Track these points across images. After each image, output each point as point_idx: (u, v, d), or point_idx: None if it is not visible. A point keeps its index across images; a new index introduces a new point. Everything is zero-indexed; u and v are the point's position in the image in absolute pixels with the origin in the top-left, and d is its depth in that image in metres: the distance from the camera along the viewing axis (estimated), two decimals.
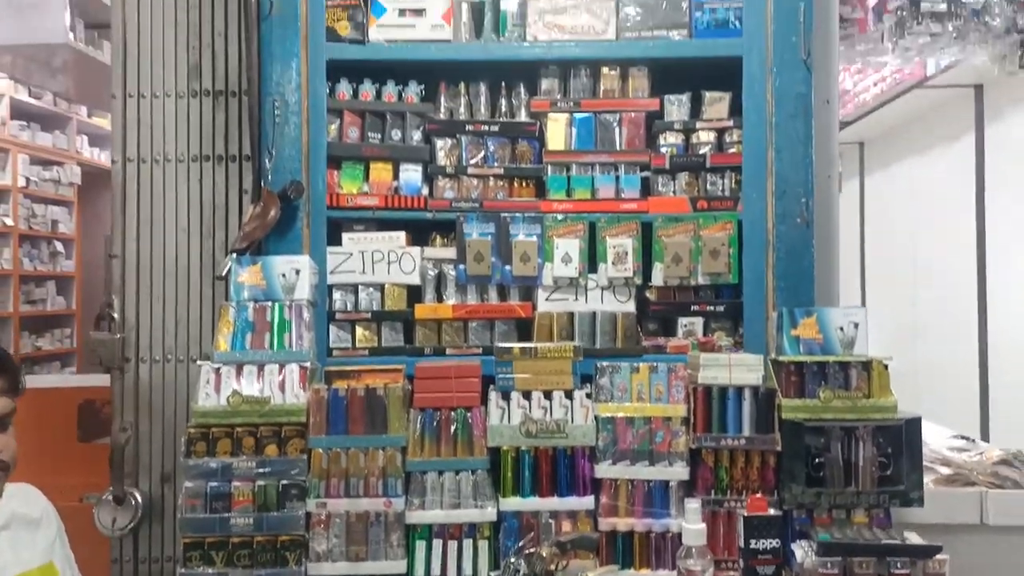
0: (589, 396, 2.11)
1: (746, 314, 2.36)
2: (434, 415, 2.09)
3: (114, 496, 2.52)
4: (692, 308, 2.41)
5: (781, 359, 2.09)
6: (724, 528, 2.03)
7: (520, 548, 1.90)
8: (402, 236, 2.41)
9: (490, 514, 2.05)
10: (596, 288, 2.41)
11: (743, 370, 2.07)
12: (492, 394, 2.12)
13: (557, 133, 2.43)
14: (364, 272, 2.40)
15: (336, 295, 2.42)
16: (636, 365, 2.12)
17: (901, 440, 2.02)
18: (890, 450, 2.02)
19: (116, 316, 2.59)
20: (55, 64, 5.11)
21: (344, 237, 2.40)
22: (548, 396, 2.11)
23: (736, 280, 2.38)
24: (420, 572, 2.04)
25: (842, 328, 2.08)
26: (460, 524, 2.05)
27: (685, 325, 2.41)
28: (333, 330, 2.40)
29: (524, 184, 2.44)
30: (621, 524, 2.05)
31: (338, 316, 2.40)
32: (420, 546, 2.05)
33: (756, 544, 1.85)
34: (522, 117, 2.47)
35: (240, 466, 2.02)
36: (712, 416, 2.06)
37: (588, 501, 2.06)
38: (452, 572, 2.04)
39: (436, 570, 2.04)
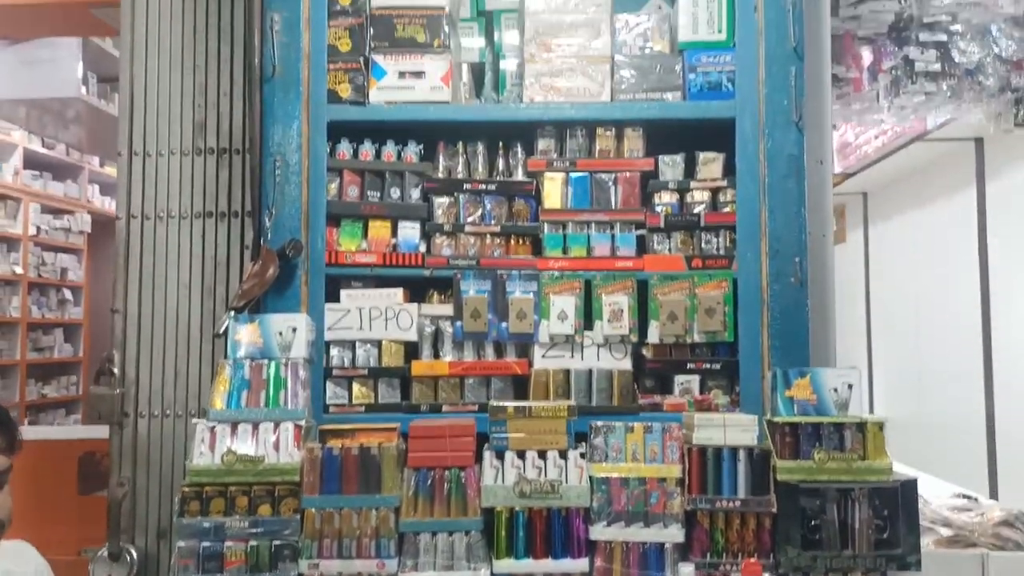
0: (583, 456, 2.11)
1: (742, 373, 2.36)
2: (428, 474, 2.09)
3: (110, 552, 2.51)
4: (688, 366, 2.41)
5: (776, 420, 2.08)
6: None
7: None
8: (400, 293, 2.43)
9: None
10: (592, 345, 2.42)
11: (738, 430, 2.07)
12: (486, 453, 2.12)
13: (554, 192, 2.46)
14: (362, 328, 2.42)
15: (333, 351, 2.43)
16: (631, 425, 2.12)
17: (897, 502, 2.00)
18: (886, 512, 2.01)
19: (116, 371, 2.61)
20: (68, 116, 5.22)
21: (342, 294, 2.43)
22: (542, 456, 2.10)
23: (732, 338, 2.39)
24: None
25: (836, 389, 2.08)
26: None
27: (682, 383, 2.41)
28: (330, 386, 2.41)
29: (521, 242, 2.47)
30: None
31: (335, 372, 2.41)
32: None
33: None
34: (519, 176, 2.50)
35: (233, 526, 2.02)
36: (707, 477, 2.05)
37: (583, 563, 2.04)
38: None
39: None
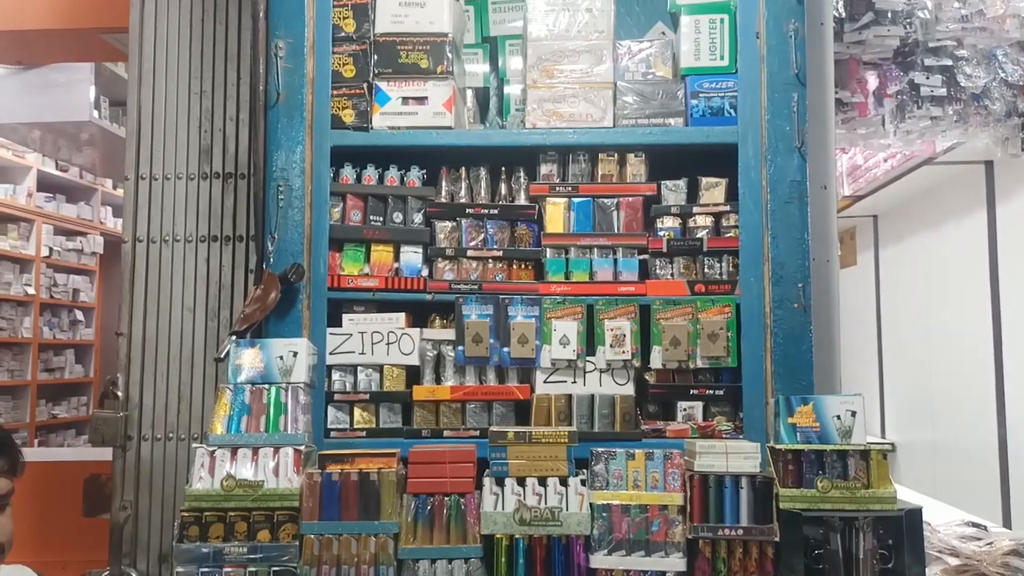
0: (584, 483, 2.09)
1: (745, 399, 2.34)
2: (427, 501, 2.08)
3: (111, 575, 2.51)
4: (691, 392, 2.39)
5: (778, 447, 2.06)
6: None
7: None
8: (402, 317, 2.43)
9: None
10: (594, 371, 2.41)
11: (740, 458, 2.05)
12: (486, 480, 2.11)
13: (556, 216, 2.46)
14: (363, 353, 2.42)
15: (335, 375, 2.43)
16: (632, 452, 2.10)
17: (902, 531, 1.98)
18: (891, 541, 1.98)
19: (120, 393, 2.62)
20: (81, 139, 5.29)
21: (344, 318, 2.43)
22: (543, 482, 2.09)
23: (735, 364, 2.37)
24: None
25: (839, 416, 2.06)
26: None
27: (684, 409, 2.39)
28: (331, 411, 2.41)
29: (523, 266, 2.47)
30: None
31: (336, 397, 2.41)
32: None
33: None
34: (521, 201, 2.51)
35: (232, 551, 2.01)
36: (709, 505, 2.03)
37: None
38: None
39: None
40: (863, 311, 7.42)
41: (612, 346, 2.39)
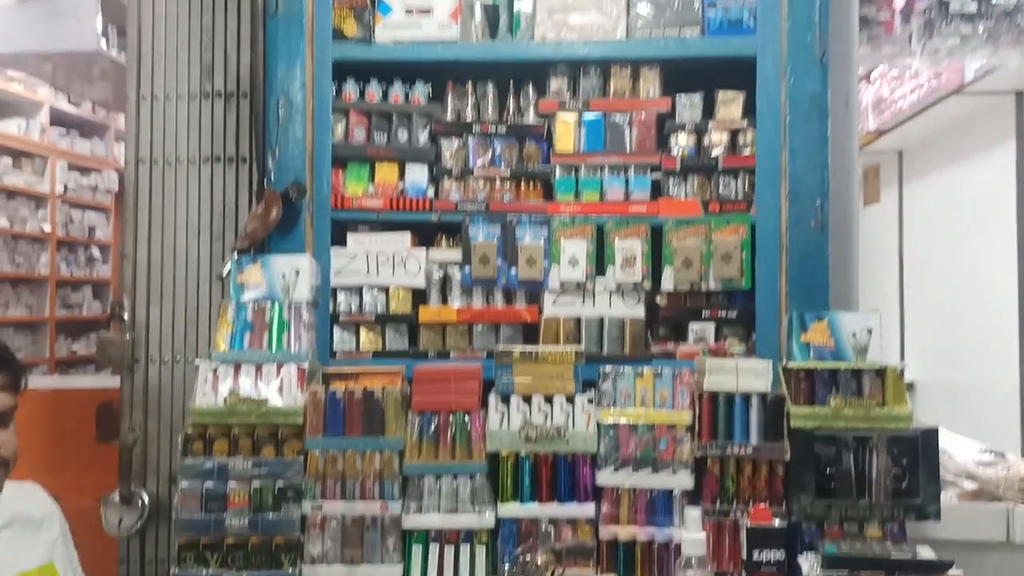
0: (591, 401, 2.06)
1: (758, 320, 2.29)
2: (432, 418, 2.06)
3: (121, 496, 2.52)
4: (703, 314, 2.34)
5: (791, 365, 2.02)
6: (730, 539, 1.95)
7: (516, 556, 1.85)
8: (407, 238, 2.38)
9: (488, 520, 2.00)
10: (604, 292, 2.36)
11: (751, 376, 2.00)
12: (491, 397, 2.08)
13: (566, 134, 2.39)
14: (369, 274, 2.38)
15: (340, 297, 2.40)
16: (640, 370, 2.06)
17: (917, 451, 1.93)
18: (905, 462, 1.94)
19: (126, 317, 2.60)
20: (93, 72, 5.21)
21: (349, 238, 2.39)
22: (549, 401, 2.06)
23: (748, 285, 2.31)
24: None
25: (855, 334, 2.00)
26: (457, 529, 2.01)
27: (696, 331, 2.34)
28: (337, 332, 2.38)
29: (531, 186, 2.40)
30: (622, 533, 1.99)
31: (342, 318, 2.38)
32: (417, 551, 2.01)
33: (759, 556, 1.78)
34: (530, 118, 2.43)
35: (236, 467, 2.00)
36: (718, 423, 2.00)
37: (589, 509, 2.00)
38: None
39: (433, 575, 2.00)
40: (886, 250, 7.29)
41: (622, 267, 2.33)
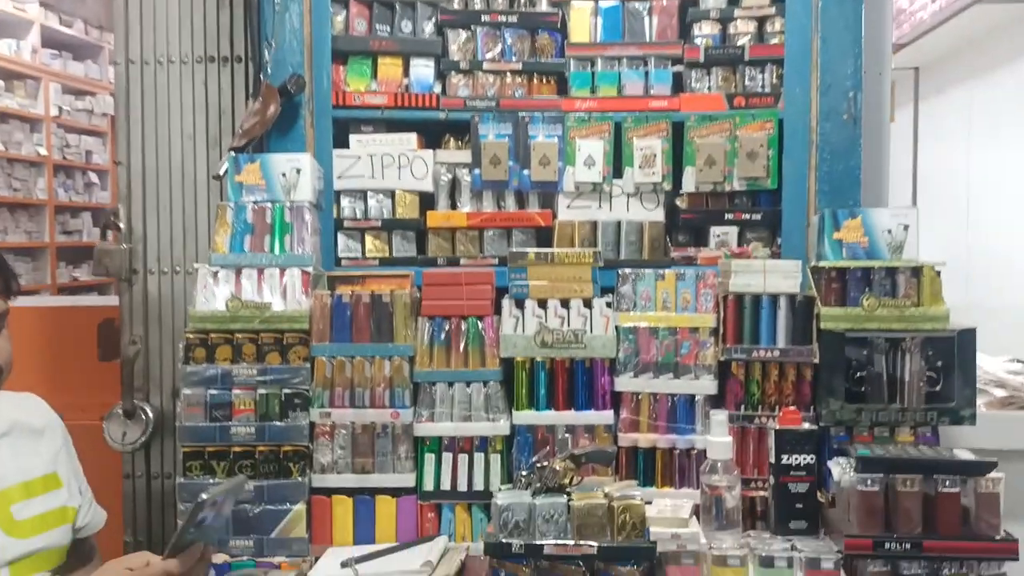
0: (610, 305, 1.96)
1: (785, 222, 2.17)
2: (443, 324, 1.96)
3: (124, 410, 2.46)
4: (726, 216, 2.22)
5: (822, 264, 1.91)
6: (754, 445, 1.88)
7: (533, 463, 1.78)
8: (413, 138, 2.25)
9: (503, 427, 1.93)
10: (621, 195, 2.24)
11: (779, 277, 1.90)
12: (505, 302, 1.98)
13: (581, 24, 2.23)
14: (373, 177, 2.26)
15: (344, 202, 2.28)
16: (662, 272, 1.96)
17: (953, 353, 1.84)
18: (940, 364, 1.85)
19: (123, 226, 2.50)
20: None
21: (351, 139, 2.26)
22: (565, 305, 1.96)
23: (775, 185, 2.19)
24: (429, 485, 1.94)
25: (890, 231, 1.89)
26: (471, 437, 1.94)
27: (718, 235, 2.23)
28: (342, 239, 2.28)
29: (544, 81, 2.26)
30: (642, 440, 1.92)
31: (346, 224, 2.27)
32: (429, 459, 1.94)
33: (788, 460, 1.70)
34: (543, 7, 2.27)
35: (241, 373, 1.92)
36: (744, 326, 1.90)
37: (607, 415, 1.93)
38: (463, 486, 1.93)
39: (446, 484, 1.94)
40: (899, 170, 7.12)
41: (641, 167, 2.20)
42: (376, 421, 1.93)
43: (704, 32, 2.22)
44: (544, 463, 1.73)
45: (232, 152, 2.08)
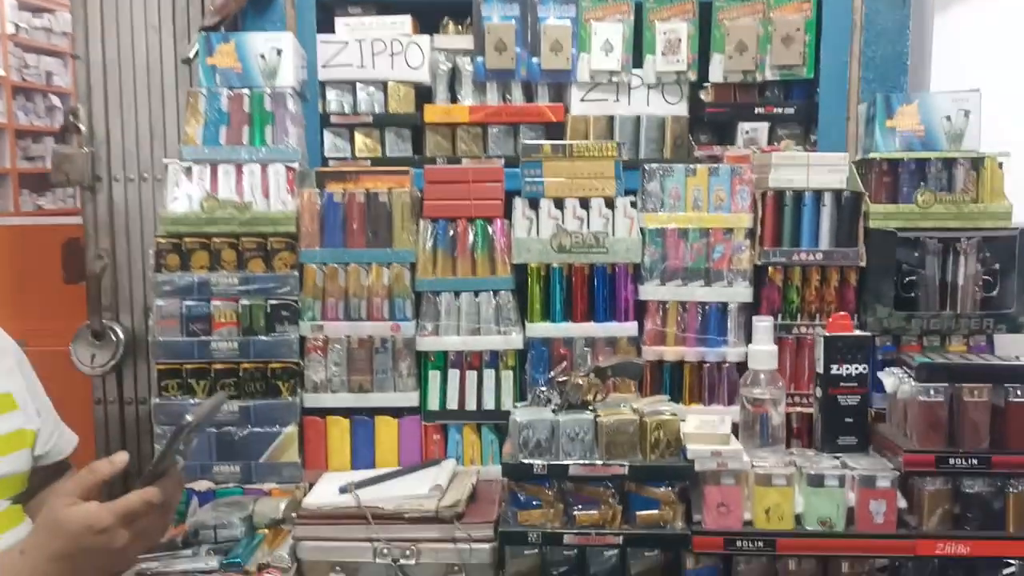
0: (634, 205, 1.76)
1: (822, 115, 1.97)
2: (448, 226, 1.75)
3: (92, 331, 2.25)
4: (756, 110, 2.02)
5: (871, 156, 1.71)
6: (792, 358, 1.71)
7: (551, 378, 1.59)
8: (407, 21, 2.00)
9: (515, 341, 1.74)
10: (641, 86, 2.02)
11: (823, 171, 1.70)
12: (517, 202, 1.77)
13: None
14: (363, 66, 2.01)
15: (330, 95, 2.04)
16: (692, 167, 1.75)
17: (1013, 255, 1.66)
18: (997, 266, 1.67)
19: (83, 127, 2.24)
20: None
21: (338, 23, 2.01)
22: (585, 205, 1.75)
23: (811, 74, 1.98)
24: (434, 405, 1.75)
25: (949, 118, 1.69)
26: (480, 352, 1.75)
27: (747, 131, 2.02)
28: (328, 137, 2.04)
29: None
30: (669, 353, 1.74)
31: (334, 120, 2.04)
32: (434, 377, 1.75)
33: (839, 370, 1.53)
34: None
35: (220, 282, 1.71)
36: (784, 226, 1.71)
37: (630, 327, 1.74)
38: (471, 405, 1.75)
39: (453, 403, 1.75)
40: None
41: (664, 54, 1.98)
42: (374, 335, 1.74)
43: None
44: (565, 378, 1.55)
45: (203, 32, 1.82)
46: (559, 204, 1.75)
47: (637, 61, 2.00)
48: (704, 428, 1.48)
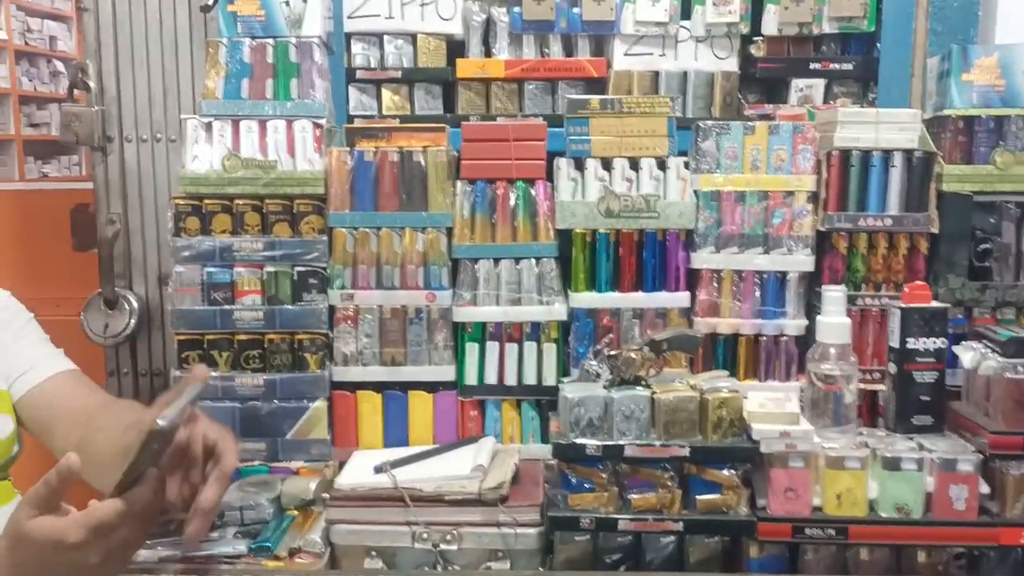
0: (688, 166, 1.63)
1: (882, 71, 1.85)
2: (487, 188, 1.63)
3: (105, 299, 2.14)
4: (811, 67, 1.89)
5: (946, 113, 1.58)
6: (856, 331, 1.59)
7: (599, 351, 1.48)
8: None
9: (558, 312, 1.62)
10: (689, 40, 1.89)
11: (894, 129, 1.57)
12: (562, 162, 1.65)
13: None
14: (391, 18, 1.89)
15: (356, 48, 1.91)
16: (751, 124, 1.62)
17: None
18: None
19: (93, 84, 2.12)
20: None
21: None
22: (635, 165, 1.63)
23: (872, 27, 1.84)
24: (472, 379, 1.64)
25: None
26: (520, 323, 1.64)
27: (801, 89, 1.89)
28: (353, 93, 1.92)
29: None
30: (723, 325, 1.62)
31: (359, 75, 1.91)
32: (471, 349, 1.64)
33: (915, 344, 1.41)
34: None
35: (243, 247, 1.60)
36: (849, 189, 1.58)
37: (682, 297, 1.62)
38: (511, 380, 1.64)
39: (491, 377, 1.64)
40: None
41: (715, 4, 1.85)
42: (408, 304, 1.62)
43: None
44: (616, 351, 1.44)
45: None
46: (606, 165, 1.63)
47: (686, 12, 1.87)
48: (769, 407, 1.37)
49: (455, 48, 1.92)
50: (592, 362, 1.47)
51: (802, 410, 1.41)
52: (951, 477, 1.31)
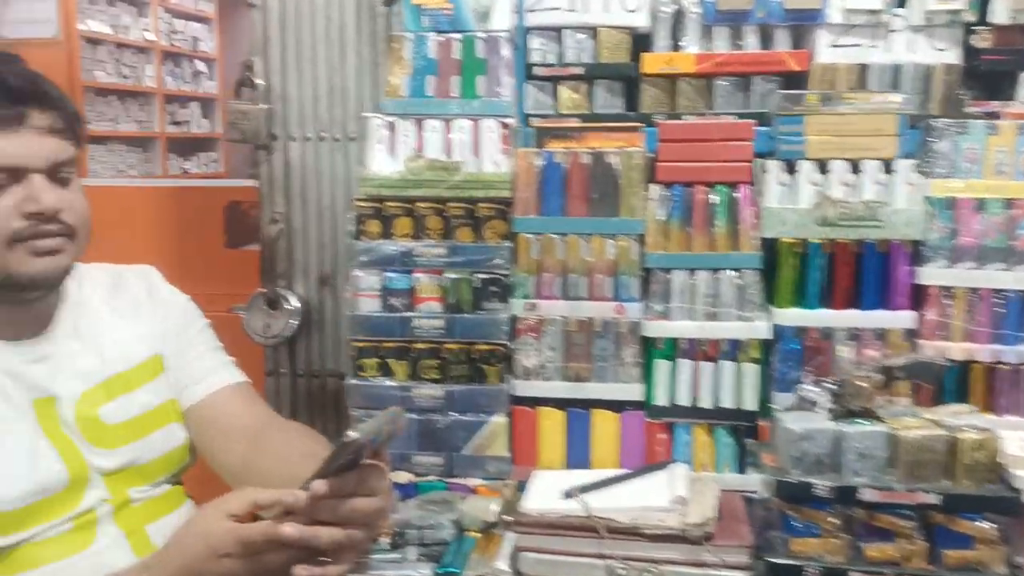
0: (919, 169, 1.45)
1: None
2: (685, 193, 1.50)
3: (266, 299, 2.12)
4: None
5: None
6: None
7: (818, 377, 1.33)
8: None
9: (761, 329, 1.48)
10: (905, 29, 1.69)
11: None
12: (770, 164, 1.50)
13: None
14: (573, 10, 1.77)
15: (533, 43, 1.80)
16: (995, 123, 1.43)
17: None
18: None
19: (260, 82, 2.10)
20: None
21: None
22: (856, 168, 1.46)
23: None
24: (662, 399, 1.51)
25: None
26: (717, 340, 1.50)
27: None
28: (529, 91, 1.81)
29: None
30: (955, 351, 1.43)
31: (536, 72, 1.80)
32: (662, 367, 1.51)
33: None
34: None
35: (424, 253, 1.52)
36: None
37: (906, 317, 1.45)
38: (705, 402, 1.50)
39: (683, 398, 1.51)
40: None
41: None
42: (595, 317, 1.51)
43: None
44: (842, 378, 1.28)
45: None
46: (823, 167, 1.46)
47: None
48: None
49: (638, 42, 1.79)
50: (808, 387, 1.32)
51: None
52: None
